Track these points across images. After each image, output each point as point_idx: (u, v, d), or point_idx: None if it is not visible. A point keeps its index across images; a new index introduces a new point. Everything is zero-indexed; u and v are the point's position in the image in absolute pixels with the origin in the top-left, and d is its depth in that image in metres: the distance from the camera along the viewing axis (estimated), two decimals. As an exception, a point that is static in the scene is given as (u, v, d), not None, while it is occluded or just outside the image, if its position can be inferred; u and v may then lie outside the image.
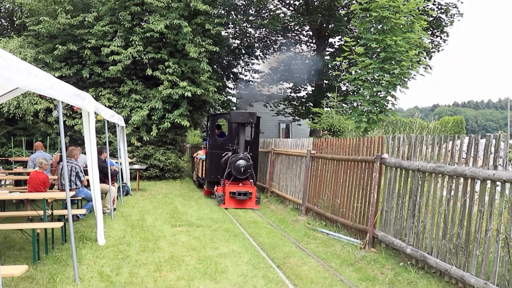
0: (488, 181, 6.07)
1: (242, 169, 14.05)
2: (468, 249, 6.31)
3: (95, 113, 9.22)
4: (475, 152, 6.42)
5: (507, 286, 5.54)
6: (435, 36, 26.18)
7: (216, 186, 15.28)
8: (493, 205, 5.95)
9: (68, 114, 19.22)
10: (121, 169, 15.04)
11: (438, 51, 26.57)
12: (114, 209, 11.79)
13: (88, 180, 9.70)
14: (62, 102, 6.65)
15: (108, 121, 12.47)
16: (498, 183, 5.90)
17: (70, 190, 9.73)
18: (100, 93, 19.99)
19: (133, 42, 19.56)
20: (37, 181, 9.87)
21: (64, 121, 18.58)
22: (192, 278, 6.85)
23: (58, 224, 7.93)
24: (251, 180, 14.54)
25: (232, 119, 14.82)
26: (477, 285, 5.93)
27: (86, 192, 10.63)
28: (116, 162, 14.88)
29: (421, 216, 7.48)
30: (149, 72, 19.73)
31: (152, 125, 20.07)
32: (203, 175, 17.83)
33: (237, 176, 14.13)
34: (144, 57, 19.75)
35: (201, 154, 19.66)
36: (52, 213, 9.00)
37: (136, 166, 17.65)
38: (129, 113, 19.85)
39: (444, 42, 26.62)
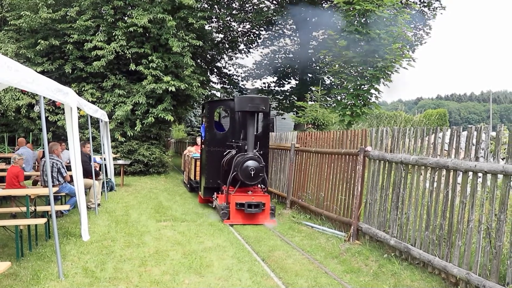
0: (470, 173, 6.13)
1: (253, 172, 10.59)
2: (450, 240, 6.38)
3: (78, 108, 9.15)
4: (457, 144, 6.49)
5: (488, 275, 5.61)
6: (418, 29, 26.32)
7: (215, 193, 12.03)
8: (475, 196, 6.02)
9: (51, 110, 19.05)
10: (105, 164, 14.96)
11: (421, 44, 26.73)
12: (99, 205, 11.73)
13: (71, 176, 9.63)
14: (44, 97, 6.59)
15: (91, 116, 12.40)
16: (479, 174, 5.97)
17: (53, 186, 9.67)
18: (83, 88, 19.82)
19: (116, 37, 19.39)
20: (10, 175, 9.87)
21: (47, 117, 18.43)
22: (177, 272, 6.84)
23: (42, 221, 7.87)
24: (262, 186, 11.55)
25: (237, 107, 11.23)
26: (460, 275, 6.00)
27: (70, 187, 10.55)
28: (100, 158, 14.80)
29: (404, 208, 7.54)
30: (132, 67, 19.61)
31: (136, 120, 19.96)
32: (197, 178, 14.73)
33: (246, 182, 10.76)
34: (127, 52, 19.61)
35: (193, 152, 16.91)
36: (35, 209, 8.93)
37: (120, 162, 17.56)
38: (112, 108, 19.73)
39: (427, 35, 26.80)
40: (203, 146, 13.39)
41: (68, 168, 10.78)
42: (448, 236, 6.45)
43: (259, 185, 11.39)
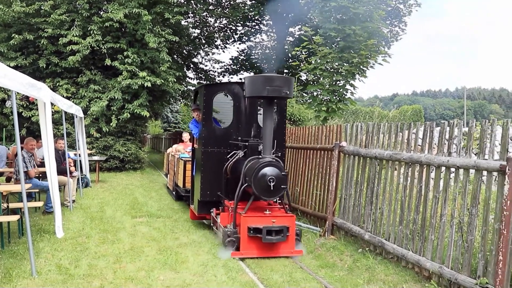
0: (443, 168, 6.21)
1: (272, 184, 7.45)
2: (424, 234, 6.46)
3: (51, 104, 9.04)
4: (430, 139, 6.57)
5: (460, 269, 5.70)
6: (393, 26, 26.52)
7: (214, 209, 9.16)
8: (447, 191, 6.11)
9: (25, 105, 18.77)
10: (80, 160, 14.82)
11: (397, 40, 26.94)
12: (73, 201, 11.60)
13: (45, 172, 9.50)
14: (17, 92, 6.50)
15: (66, 112, 12.26)
16: (452, 169, 6.05)
17: (17, 182, 9.54)
18: (57, 84, 19.58)
19: (91, 32, 19.16)
20: None
21: (21, 113, 18.19)
22: (152, 268, 6.81)
23: (14, 218, 7.76)
24: (283, 202, 8.26)
25: (248, 91, 7.98)
26: (433, 268, 6.08)
27: (37, 183, 10.40)
28: (75, 154, 14.65)
29: (378, 203, 7.62)
30: (108, 62, 19.41)
31: (112, 116, 19.79)
32: (187, 186, 11.71)
33: (261, 197, 7.70)
34: (103, 47, 19.39)
35: (181, 151, 14.09)
36: (8, 206, 8.80)
37: (95, 158, 17.41)
38: (87, 103, 19.52)
39: (403, 31, 27.02)
40: (196, 145, 10.02)
41: (42, 164, 10.63)
42: (421, 230, 6.53)
43: (281, 202, 8.29)
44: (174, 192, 13.63)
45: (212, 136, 9.26)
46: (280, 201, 8.26)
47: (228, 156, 8.90)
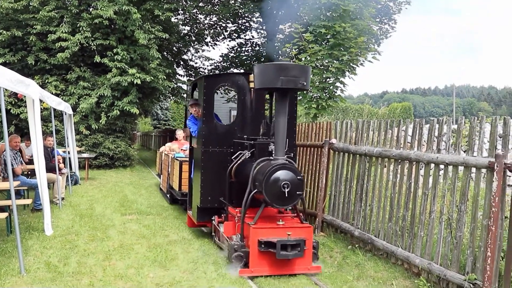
0: (432, 165, 6.24)
1: (287, 190, 6.47)
2: (413, 231, 6.49)
3: (40, 100, 8.98)
4: (419, 136, 6.60)
5: (449, 265, 5.73)
6: (383, 23, 26.55)
7: (216, 216, 7.96)
8: (436, 188, 6.14)
9: (13, 102, 18.66)
10: (69, 158, 14.75)
11: (386, 37, 26.96)
12: (62, 199, 11.55)
13: (33, 170, 9.45)
14: (5, 89, 6.45)
15: (55, 109, 12.20)
16: (441, 166, 6.08)
17: (5, 179, 9.48)
18: (46, 80, 19.50)
19: (80, 28, 19.09)
20: None
21: (9, 110, 18.10)
22: (142, 266, 6.79)
23: (2, 215, 7.72)
24: (297, 209, 7.15)
25: (258, 82, 6.90)
26: (422, 265, 6.11)
27: (25, 180, 10.33)
28: (64, 151, 14.57)
29: (368, 200, 7.64)
30: (97, 59, 19.32)
31: (101, 113, 19.73)
32: (184, 189, 10.76)
33: (274, 205, 6.69)
34: (92, 44, 19.33)
35: (175, 150, 13.27)
36: (-5, 203, 8.76)
37: (85, 155, 17.34)
38: (77, 100, 19.45)
39: (392, 29, 27.05)
40: (195, 144, 8.90)
41: (30, 161, 10.57)
42: (410, 227, 6.56)
43: (294, 209, 7.19)
44: (168, 195, 12.62)
45: (214, 134, 8.13)
46: (291, 208, 7.14)
47: (232, 157, 7.84)
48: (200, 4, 27.54)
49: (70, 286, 5.95)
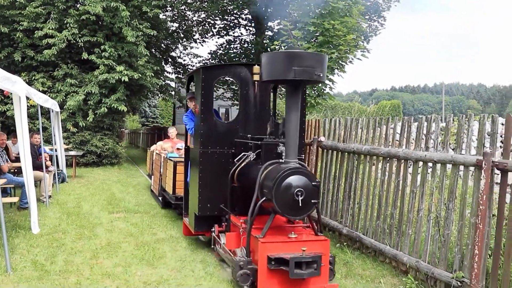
0: (420, 162, 6.25)
1: (301, 198, 5.55)
2: (401, 229, 6.50)
3: (27, 97, 8.90)
4: (408, 134, 6.61)
5: (437, 263, 5.74)
6: (372, 21, 26.61)
7: (216, 226, 7.14)
8: (424, 186, 6.15)
9: (-1, 99, 18.52)
10: (56, 155, 14.65)
11: (376, 35, 27.01)
12: (50, 197, 11.47)
13: (20, 167, 9.36)
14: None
15: (41, 106, 12.10)
16: (429, 164, 6.09)
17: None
18: (33, 77, 19.35)
19: (67, 25, 18.93)
20: None
21: (-5, 107, 17.95)
22: (129, 264, 6.76)
23: (-12, 213, 7.63)
24: (311, 218, 6.12)
25: (266, 73, 5.90)
26: (410, 263, 6.12)
27: (12, 178, 10.24)
28: (51, 149, 14.47)
29: (356, 198, 7.65)
30: (84, 56, 19.19)
31: (89, 110, 19.62)
32: (178, 192, 9.95)
33: (285, 215, 5.81)
34: (80, 41, 19.17)
35: (168, 149, 12.52)
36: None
37: (72, 153, 17.27)
38: (64, 98, 19.32)
39: (382, 26, 27.11)
40: (192, 144, 8.04)
41: (17, 159, 10.48)
42: (398, 225, 6.57)
43: (306, 219, 6.24)
44: (160, 198, 11.74)
45: (213, 133, 7.24)
46: (313, 222, 6.14)
47: (235, 160, 6.90)
48: (189, 1, 27.43)
49: (57, 284, 5.91)
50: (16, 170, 11.22)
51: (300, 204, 5.50)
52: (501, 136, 9.18)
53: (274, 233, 5.88)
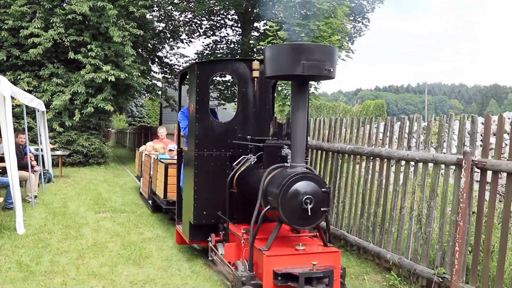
0: (403, 161, 6.36)
1: (310, 206, 4.94)
2: (384, 227, 6.60)
3: (12, 97, 8.89)
4: (390, 134, 6.70)
5: (419, 260, 5.85)
6: (356, 22, 26.80)
7: (213, 234, 6.54)
8: (407, 184, 6.25)
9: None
10: (42, 155, 14.60)
11: (360, 36, 27.22)
12: (35, 197, 11.44)
13: (5, 168, 9.35)
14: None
15: (27, 106, 12.07)
16: (411, 163, 6.19)
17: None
18: (18, 77, 19.24)
19: (53, 24, 18.86)
20: None
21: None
22: (116, 264, 6.78)
23: (-27, 213, 7.64)
24: (318, 227, 5.41)
25: (270, 68, 5.21)
26: (393, 260, 6.22)
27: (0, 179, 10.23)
28: (36, 149, 14.42)
29: (340, 196, 7.74)
30: (71, 55, 19.12)
31: (75, 110, 19.56)
32: (170, 197, 9.33)
33: (293, 225, 5.19)
34: (66, 40, 19.10)
35: (160, 151, 11.92)
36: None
37: (58, 152, 17.19)
38: (50, 97, 19.23)
39: (366, 27, 27.32)
40: (186, 146, 7.36)
41: (1, 159, 10.45)
42: (382, 223, 6.67)
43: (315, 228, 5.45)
44: (150, 202, 11.11)
45: (209, 134, 6.63)
46: (323, 232, 5.44)
47: (234, 163, 6.32)
48: (175, 1, 27.45)
49: (43, 285, 5.92)
50: (1, 170, 11.18)
51: (309, 213, 4.90)
52: (481, 135, 9.33)
53: (279, 244, 5.23)
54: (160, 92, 26.99)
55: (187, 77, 7.55)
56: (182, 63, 30.24)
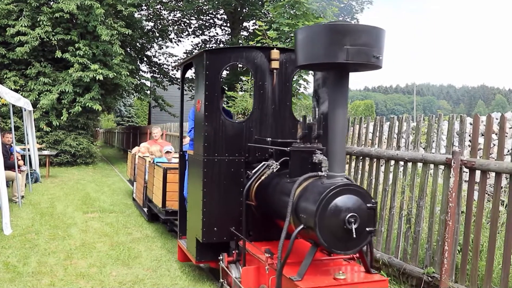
0: (392, 161, 6.36)
1: (354, 226, 3.86)
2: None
3: (-2, 96, 8.82)
4: (380, 133, 6.71)
5: (409, 259, 5.86)
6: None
7: (225, 254, 5.43)
8: (396, 184, 6.26)
9: (-30, 98, 18.23)
10: (29, 155, 14.50)
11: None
12: (22, 197, 11.35)
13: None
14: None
15: (13, 105, 11.97)
16: (401, 162, 6.20)
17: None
18: (5, 76, 19.14)
19: (40, 22, 18.73)
20: None
21: (-35, 106, 17.68)
22: (104, 264, 6.75)
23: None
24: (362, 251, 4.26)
25: (306, 56, 4.07)
26: (382, 259, 6.23)
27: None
28: (23, 149, 14.32)
29: (330, 196, 7.72)
30: (58, 54, 19.01)
31: (62, 109, 19.46)
32: (170, 206, 8.32)
33: (332, 250, 3.99)
34: (53, 39, 18.99)
35: (156, 154, 10.75)
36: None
37: (45, 152, 17.08)
38: (37, 96, 19.12)
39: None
40: (191, 150, 6.27)
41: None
42: (371, 222, 6.66)
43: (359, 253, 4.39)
44: (145, 209, 10.05)
45: (221, 136, 5.56)
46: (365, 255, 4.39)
47: (253, 171, 5.33)
48: (164, 0, 27.39)
49: (30, 286, 5.88)
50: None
51: (354, 234, 3.89)
52: (469, 135, 9.37)
53: (313, 271, 4.19)
54: (148, 92, 26.91)
55: (192, 68, 6.70)
56: (171, 62, 30.22)
